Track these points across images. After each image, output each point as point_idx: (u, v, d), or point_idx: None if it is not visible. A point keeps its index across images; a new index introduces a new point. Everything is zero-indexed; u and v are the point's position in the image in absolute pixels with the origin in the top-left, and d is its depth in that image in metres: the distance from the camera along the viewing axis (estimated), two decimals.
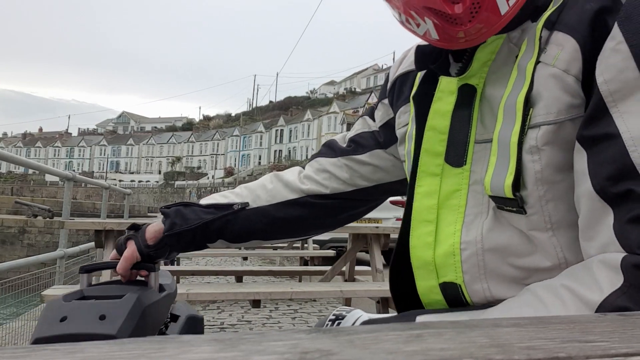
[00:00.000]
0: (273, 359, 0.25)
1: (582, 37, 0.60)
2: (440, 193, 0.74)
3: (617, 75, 0.55)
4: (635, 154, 0.52)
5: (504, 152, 0.64)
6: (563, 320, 0.34)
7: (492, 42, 0.70)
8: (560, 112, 0.61)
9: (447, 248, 0.72)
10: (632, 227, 0.52)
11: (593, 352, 0.27)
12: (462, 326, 0.32)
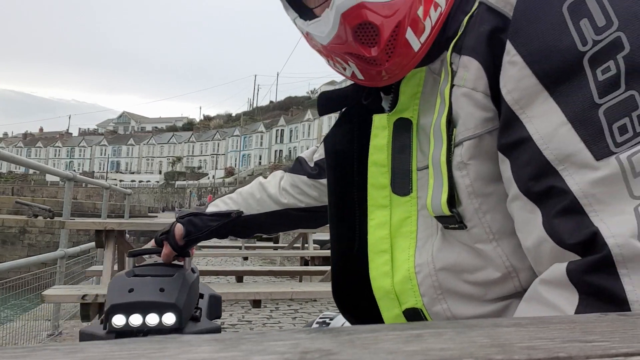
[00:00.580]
0: (273, 358, 0.25)
1: (482, 56, 0.65)
2: (392, 223, 0.78)
3: (518, 85, 0.60)
4: (547, 151, 0.57)
5: (437, 173, 0.69)
6: (563, 320, 0.34)
7: (414, 75, 0.76)
8: (477, 126, 0.66)
9: (404, 274, 0.76)
10: (559, 221, 0.55)
11: (593, 352, 0.27)
12: (462, 326, 0.32)
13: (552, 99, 0.58)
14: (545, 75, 0.59)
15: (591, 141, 0.55)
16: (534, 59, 0.59)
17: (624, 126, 0.54)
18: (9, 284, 3.93)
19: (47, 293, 2.78)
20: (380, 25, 0.68)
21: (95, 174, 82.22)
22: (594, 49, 0.56)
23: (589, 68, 0.56)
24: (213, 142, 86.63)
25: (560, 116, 0.57)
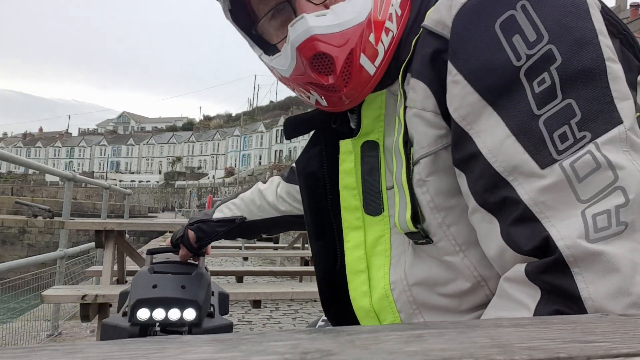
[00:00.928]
0: (273, 359, 0.25)
1: (427, 78, 0.68)
2: (367, 243, 0.81)
3: (462, 102, 0.63)
4: (497, 164, 0.59)
5: (401, 191, 0.72)
6: (564, 321, 0.34)
7: (375, 98, 0.79)
8: (430, 144, 0.68)
9: (381, 292, 0.78)
10: (514, 229, 0.58)
11: (594, 353, 0.27)
12: (463, 326, 0.32)
13: (495, 113, 0.60)
14: (486, 91, 0.61)
15: (535, 151, 0.57)
16: (474, 77, 0.62)
17: (564, 134, 0.56)
18: (9, 284, 3.93)
19: (46, 293, 2.77)
20: (333, 54, 0.72)
21: (95, 174, 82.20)
22: (528, 63, 0.59)
23: (525, 81, 0.59)
24: (213, 142, 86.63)
25: (505, 129, 0.59)
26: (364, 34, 0.73)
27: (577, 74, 0.57)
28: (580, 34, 0.59)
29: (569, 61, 0.58)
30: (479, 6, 0.64)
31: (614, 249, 0.51)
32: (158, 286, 1.21)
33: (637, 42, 0.68)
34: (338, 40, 0.72)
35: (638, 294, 0.50)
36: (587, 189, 0.54)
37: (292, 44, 0.73)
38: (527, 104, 0.59)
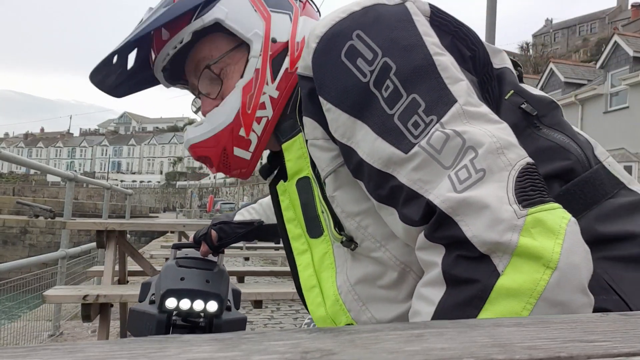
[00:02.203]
0: (274, 358, 0.25)
1: (311, 112, 0.81)
2: (314, 262, 0.93)
3: (338, 124, 0.75)
4: (375, 163, 0.71)
5: (324, 211, 0.85)
6: (565, 320, 0.34)
7: (293, 143, 0.91)
8: (328, 165, 0.81)
9: (332, 298, 0.88)
10: (406, 209, 0.68)
11: (595, 352, 0.27)
12: (463, 326, 0.32)
13: (363, 124, 0.73)
14: (351, 109, 0.74)
15: (397, 143, 0.69)
16: (339, 101, 0.75)
17: (416, 122, 0.69)
18: (10, 285, 3.93)
19: (48, 293, 2.78)
20: (209, 155, 0.96)
21: (96, 174, 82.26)
22: (372, 77, 0.72)
23: (376, 91, 0.72)
24: None
25: (372, 134, 0.72)
26: (234, 131, 0.93)
27: (412, 73, 0.71)
28: (407, 41, 0.73)
29: (402, 65, 0.71)
30: (325, 45, 0.77)
31: (479, 191, 0.62)
32: (185, 279, 1.34)
33: (469, 34, 0.83)
34: (212, 143, 0.95)
35: (508, 218, 0.59)
36: (446, 157, 0.66)
37: (185, 147, 1.01)
38: (381, 109, 0.72)
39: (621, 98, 18.45)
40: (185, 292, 1.33)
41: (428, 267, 0.67)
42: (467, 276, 0.60)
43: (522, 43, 59.35)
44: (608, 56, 19.20)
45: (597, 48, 43.60)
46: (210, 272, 1.41)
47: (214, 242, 1.48)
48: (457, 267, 0.62)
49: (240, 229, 1.47)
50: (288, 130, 0.93)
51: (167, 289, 1.31)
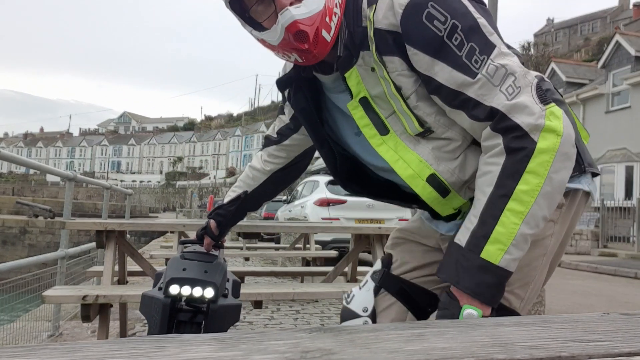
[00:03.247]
0: (274, 358, 0.25)
1: (398, 54, 1.21)
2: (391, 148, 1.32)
3: (422, 63, 1.18)
4: (452, 86, 1.16)
5: (405, 115, 1.26)
6: (565, 320, 0.33)
7: (351, 73, 1.28)
8: (413, 86, 1.24)
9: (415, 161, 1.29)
10: (474, 111, 1.15)
11: (596, 352, 0.27)
12: (464, 325, 0.32)
13: (440, 62, 1.17)
14: (432, 53, 1.17)
15: (466, 73, 1.15)
16: (423, 48, 1.17)
17: (476, 59, 1.15)
18: (10, 285, 3.92)
19: (47, 294, 2.77)
20: (307, 31, 1.20)
21: (96, 174, 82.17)
22: (445, 32, 1.15)
23: (448, 41, 1.16)
24: (214, 142, 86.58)
25: (448, 67, 1.16)
26: (323, 16, 1.22)
27: (469, 29, 1.16)
28: (462, 10, 1.18)
29: (463, 24, 1.16)
30: (410, 11, 1.17)
31: (520, 99, 1.12)
32: (187, 269, 1.63)
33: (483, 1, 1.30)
34: (310, 22, 1.20)
35: (538, 111, 1.10)
36: (497, 80, 1.14)
37: (282, 25, 1.20)
38: (453, 52, 1.16)
39: (623, 98, 18.43)
40: (186, 280, 1.60)
41: (491, 148, 1.15)
42: (519, 146, 1.10)
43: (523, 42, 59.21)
44: (610, 56, 19.18)
45: (598, 47, 43.54)
46: (209, 263, 1.68)
47: (215, 231, 1.77)
48: (512, 142, 1.11)
49: (231, 206, 1.76)
50: (345, 63, 1.27)
51: (171, 277, 1.60)
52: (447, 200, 1.29)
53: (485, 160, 1.15)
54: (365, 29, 1.24)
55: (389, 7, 1.20)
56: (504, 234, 1.09)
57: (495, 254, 1.09)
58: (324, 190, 9.52)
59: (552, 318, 0.35)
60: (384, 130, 1.30)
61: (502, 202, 1.10)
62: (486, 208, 1.12)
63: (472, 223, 1.13)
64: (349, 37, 1.26)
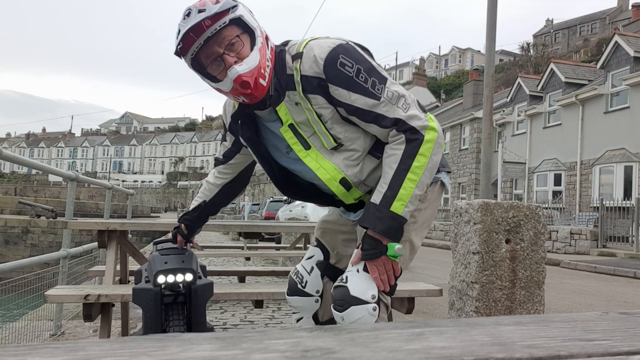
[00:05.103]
0: (274, 357, 0.25)
1: (320, 93, 1.70)
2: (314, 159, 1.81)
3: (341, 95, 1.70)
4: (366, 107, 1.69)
5: (324, 135, 1.75)
6: (565, 319, 0.34)
7: (281, 107, 1.76)
8: (329, 114, 1.73)
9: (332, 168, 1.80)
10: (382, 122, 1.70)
11: (595, 351, 0.27)
12: (463, 324, 0.32)
13: (355, 93, 1.68)
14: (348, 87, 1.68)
15: (373, 97, 1.68)
16: (340, 85, 1.68)
17: (377, 88, 1.69)
18: (12, 284, 3.93)
19: (50, 293, 2.77)
20: (249, 81, 1.65)
21: (97, 174, 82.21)
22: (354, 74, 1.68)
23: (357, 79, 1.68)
24: (215, 142, 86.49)
25: (361, 96, 1.68)
26: (258, 69, 1.66)
27: (369, 70, 1.69)
28: (360, 59, 1.71)
29: (364, 68, 1.69)
30: (329, 62, 1.67)
31: (411, 111, 1.69)
32: (168, 262, 2.04)
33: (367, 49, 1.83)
34: (250, 74, 1.65)
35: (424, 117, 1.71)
36: (394, 100, 1.69)
37: (230, 79, 1.66)
38: (362, 85, 1.67)
39: (622, 98, 18.41)
40: (170, 270, 2.02)
41: (393, 139, 1.69)
42: (414, 137, 1.65)
43: (522, 43, 59.21)
44: (609, 56, 19.15)
45: (597, 48, 43.49)
46: (183, 255, 2.13)
47: (185, 231, 2.23)
48: (410, 135, 1.66)
49: (195, 212, 2.22)
50: (275, 100, 1.74)
51: (157, 270, 2.01)
52: (350, 193, 1.84)
53: (391, 147, 1.69)
54: (290, 76, 1.72)
55: (312, 61, 1.68)
56: (404, 195, 1.63)
57: (399, 208, 1.64)
58: None
59: (552, 317, 0.35)
60: (307, 146, 1.78)
61: (404, 173, 1.64)
62: (393, 178, 1.65)
63: (383, 188, 1.66)
64: (277, 82, 1.73)
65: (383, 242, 1.65)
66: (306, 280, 2.04)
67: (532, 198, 22.06)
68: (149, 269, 2.08)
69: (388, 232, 1.64)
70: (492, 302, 3.20)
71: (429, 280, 6.45)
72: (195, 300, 2.12)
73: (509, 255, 3.24)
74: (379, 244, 1.66)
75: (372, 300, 1.69)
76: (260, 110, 1.80)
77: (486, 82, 11.97)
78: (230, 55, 1.66)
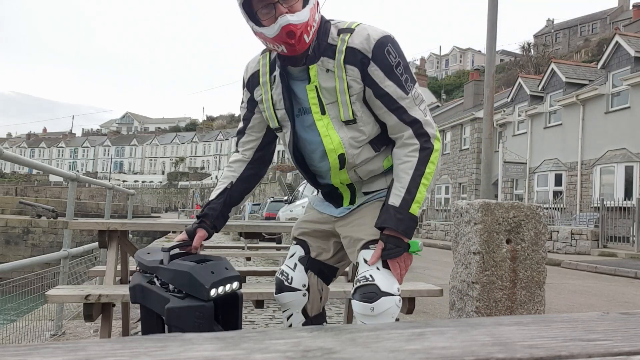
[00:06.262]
0: (275, 357, 0.25)
1: (358, 67, 1.82)
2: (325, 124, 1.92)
3: (377, 76, 1.83)
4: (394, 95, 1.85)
5: (345, 106, 1.87)
6: (565, 319, 0.33)
7: (312, 67, 1.85)
8: (357, 90, 1.85)
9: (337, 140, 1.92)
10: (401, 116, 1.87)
11: (595, 351, 0.27)
12: (464, 325, 0.32)
13: (389, 80, 1.83)
14: (385, 72, 1.82)
15: (403, 90, 1.85)
16: (380, 67, 1.82)
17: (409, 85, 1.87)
18: (13, 284, 3.93)
19: (50, 293, 2.78)
20: (296, 31, 1.74)
21: (98, 175, 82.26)
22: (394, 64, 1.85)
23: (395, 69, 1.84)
24: (216, 142, 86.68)
25: (394, 84, 1.84)
26: (306, 25, 1.76)
27: (405, 67, 1.87)
28: (402, 55, 1.87)
29: (403, 63, 1.86)
30: (379, 45, 1.81)
31: (428, 117, 1.91)
32: (215, 272, 1.86)
33: None
34: (298, 26, 1.74)
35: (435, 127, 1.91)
36: (417, 101, 1.89)
37: (279, 25, 1.73)
38: (397, 76, 1.84)
39: (622, 98, 18.40)
40: (220, 282, 1.84)
41: (410, 146, 1.86)
42: (427, 147, 1.86)
43: (523, 43, 59.23)
44: (609, 56, 19.15)
45: (598, 48, 43.45)
46: (221, 261, 1.95)
47: (209, 223, 2.09)
48: (424, 144, 1.86)
49: (220, 198, 2.10)
50: (311, 59, 1.84)
51: (211, 283, 1.81)
52: (340, 172, 1.97)
53: (406, 154, 1.86)
54: (329, 45, 1.85)
55: (365, 38, 1.82)
56: (420, 198, 1.83)
57: (416, 209, 1.83)
58: None
59: (552, 317, 0.35)
60: (323, 112, 1.90)
61: (419, 179, 1.83)
62: (411, 183, 1.82)
63: (401, 192, 1.83)
64: (317, 45, 1.85)
65: (404, 240, 1.83)
66: (291, 277, 2.10)
67: (533, 198, 22.04)
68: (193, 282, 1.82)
69: (408, 232, 1.82)
70: (492, 302, 3.20)
71: (429, 281, 6.46)
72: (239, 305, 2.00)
73: (509, 255, 3.24)
74: (401, 242, 1.82)
75: (397, 293, 1.83)
76: (294, 67, 1.89)
77: (487, 82, 11.97)
78: (283, 5, 1.74)
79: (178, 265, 1.87)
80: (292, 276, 2.10)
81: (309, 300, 2.12)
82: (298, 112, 1.95)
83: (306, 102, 1.91)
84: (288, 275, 2.10)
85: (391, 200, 1.84)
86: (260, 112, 2.09)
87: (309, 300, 2.12)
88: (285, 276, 2.11)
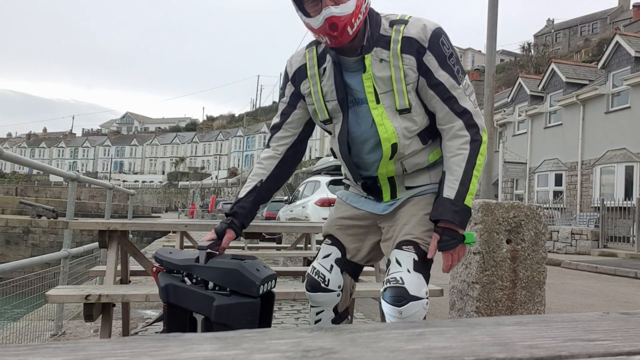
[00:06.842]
0: (275, 357, 0.25)
1: (414, 56, 1.85)
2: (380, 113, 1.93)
3: (431, 65, 1.86)
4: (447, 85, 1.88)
5: (400, 95, 1.89)
6: (566, 319, 0.33)
7: (367, 57, 1.87)
8: (413, 78, 1.87)
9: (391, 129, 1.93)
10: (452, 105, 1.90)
11: (595, 351, 0.27)
12: (464, 324, 0.32)
13: (443, 70, 1.87)
14: (440, 62, 1.86)
15: (456, 80, 1.88)
16: (435, 56, 1.86)
17: (460, 75, 1.91)
18: (13, 284, 3.93)
19: (50, 293, 2.78)
20: (338, 24, 1.75)
21: (98, 174, 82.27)
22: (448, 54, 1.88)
23: (449, 60, 1.88)
24: (216, 142, 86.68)
25: (447, 74, 1.87)
26: (350, 17, 1.77)
27: (457, 59, 1.92)
28: (453, 47, 1.91)
29: (455, 55, 1.91)
30: (435, 34, 1.85)
31: (477, 108, 1.94)
32: (259, 270, 1.90)
33: None
34: (341, 18, 1.75)
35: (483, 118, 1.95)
36: (467, 92, 1.91)
37: (323, 16, 1.75)
38: (450, 67, 1.88)
39: (623, 98, 18.40)
40: (265, 279, 1.88)
41: (461, 138, 1.88)
42: (477, 139, 1.88)
43: (523, 43, 59.21)
44: (609, 56, 19.15)
45: (598, 48, 43.43)
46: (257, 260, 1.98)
47: (238, 223, 2.05)
48: (474, 136, 1.88)
49: (249, 196, 2.07)
50: (367, 49, 1.86)
51: (260, 279, 1.86)
52: (389, 162, 1.96)
53: (458, 147, 1.88)
54: (382, 35, 1.87)
55: (421, 28, 1.85)
56: (473, 190, 1.85)
57: (469, 201, 1.85)
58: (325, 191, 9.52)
59: (553, 317, 0.35)
60: (377, 101, 1.90)
61: (471, 171, 1.85)
62: (464, 175, 1.85)
63: (455, 184, 1.85)
64: (370, 35, 1.86)
65: (460, 232, 1.85)
66: (328, 279, 2.09)
67: (533, 198, 22.04)
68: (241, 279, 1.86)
69: (463, 223, 1.85)
70: (493, 302, 3.20)
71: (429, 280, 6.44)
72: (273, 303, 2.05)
73: (509, 255, 3.24)
74: (456, 234, 1.85)
75: (425, 296, 1.86)
76: (349, 57, 1.91)
77: (487, 82, 11.96)
78: None
79: (223, 263, 1.89)
80: (329, 278, 2.09)
81: (341, 300, 2.15)
82: (350, 102, 1.95)
83: (360, 92, 1.92)
84: (325, 277, 2.09)
85: (445, 193, 1.85)
86: (302, 108, 2.08)
87: (341, 300, 2.15)
88: (322, 278, 2.09)
